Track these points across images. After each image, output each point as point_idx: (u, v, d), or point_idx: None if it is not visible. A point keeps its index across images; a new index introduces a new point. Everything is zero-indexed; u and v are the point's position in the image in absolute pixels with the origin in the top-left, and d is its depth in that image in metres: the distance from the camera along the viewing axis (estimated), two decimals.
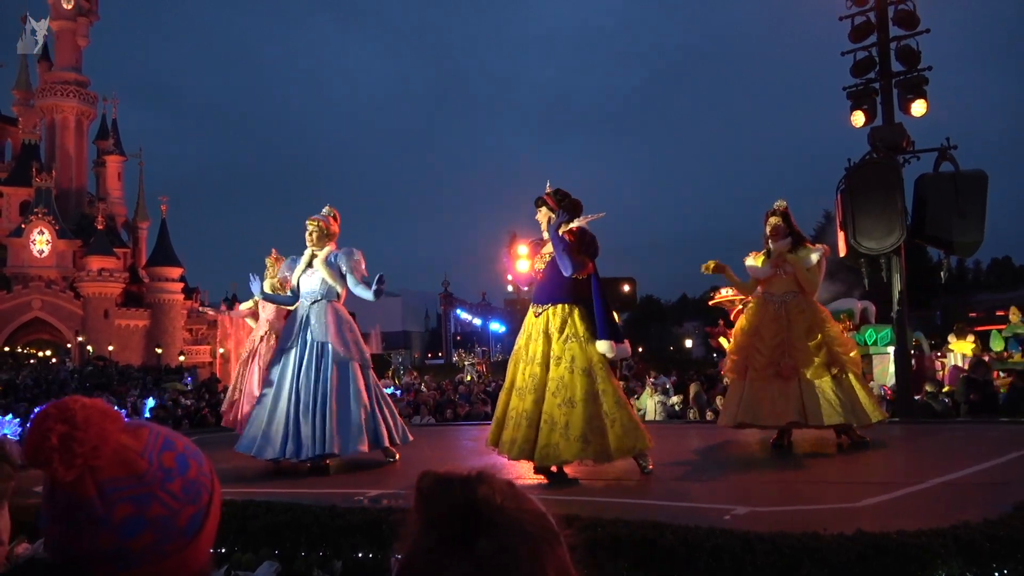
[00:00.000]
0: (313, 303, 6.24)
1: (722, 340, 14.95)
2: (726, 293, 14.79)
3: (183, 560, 0.99)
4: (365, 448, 5.93)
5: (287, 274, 6.59)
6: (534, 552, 0.81)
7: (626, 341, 5.28)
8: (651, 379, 13.55)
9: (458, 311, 63.52)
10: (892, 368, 12.55)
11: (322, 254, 6.33)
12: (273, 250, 8.35)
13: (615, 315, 5.61)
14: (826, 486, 4.87)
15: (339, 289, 6.30)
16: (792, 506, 4.11)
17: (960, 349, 14.72)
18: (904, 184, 9.87)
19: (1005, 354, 15.17)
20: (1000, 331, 16.26)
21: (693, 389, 13.12)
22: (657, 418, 11.73)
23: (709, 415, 11.59)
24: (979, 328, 18.25)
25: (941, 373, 13.81)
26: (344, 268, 6.27)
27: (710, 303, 14.85)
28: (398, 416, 6.44)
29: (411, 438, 6.36)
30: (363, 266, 6.35)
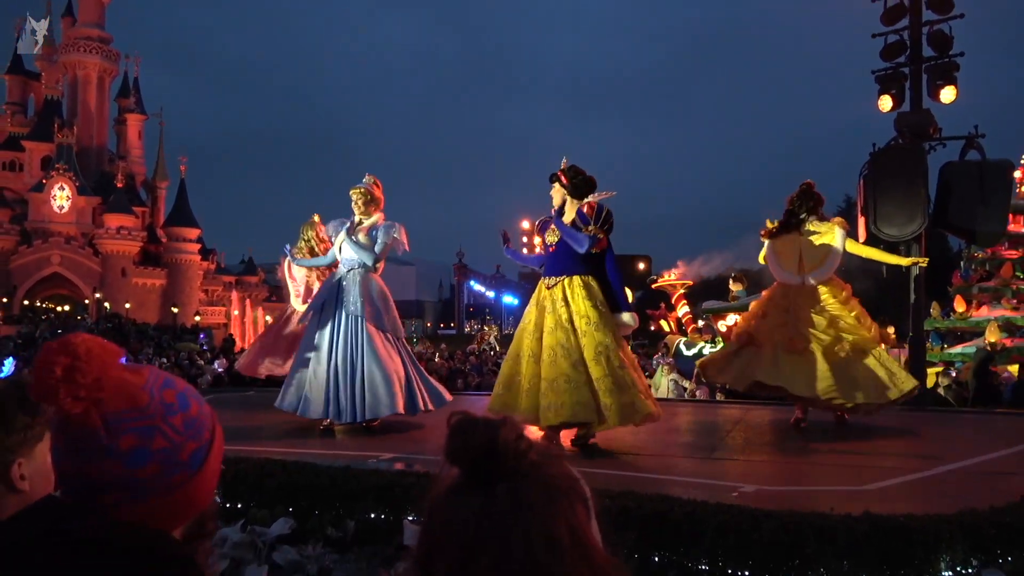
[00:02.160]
0: (350, 270, 6.33)
1: (662, 323, 15.10)
2: (668, 277, 15.05)
3: (189, 493, 1.03)
4: (400, 410, 6.03)
5: (331, 233, 6.64)
6: (551, 506, 0.81)
7: (635, 314, 5.45)
8: (659, 355, 13.55)
9: (471, 282, 63.57)
10: None
11: (367, 223, 6.40)
12: (317, 215, 8.26)
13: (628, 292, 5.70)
14: (834, 468, 4.90)
15: (369, 261, 6.37)
16: (799, 486, 4.15)
17: None
18: (928, 171, 9.76)
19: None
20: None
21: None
22: (670, 395, 11.77)
23: (719, 396, 11.62)
24: None
25: None
26: (382, 240, 6.34)
27: (652, 286, 15.07)
28: (432, 381, 6.55)
29: (449, 398, 6.45)
30: (404, 241, 6.42)
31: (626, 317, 5.28)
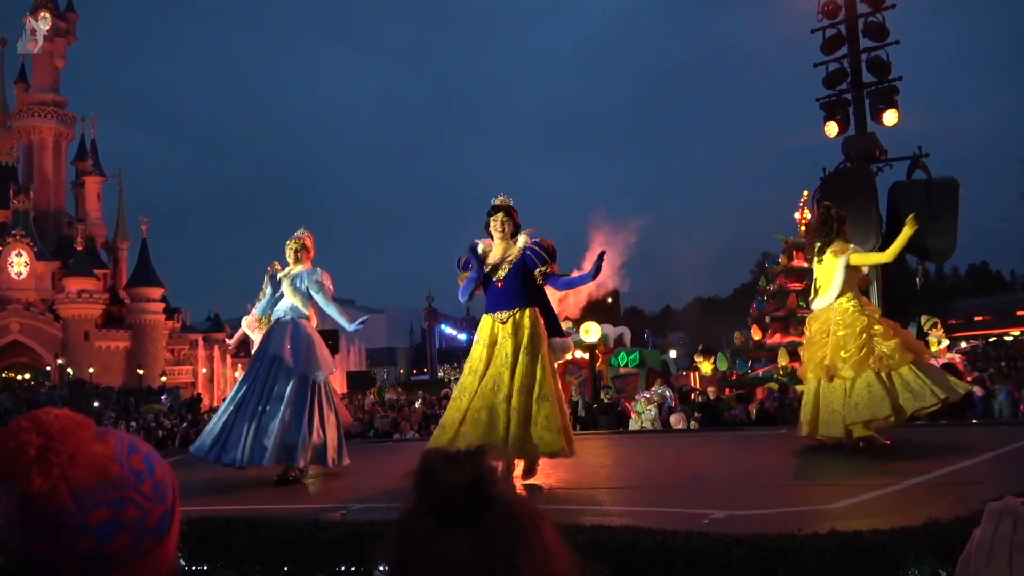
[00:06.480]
0: (277, 320, 6.42)
1: None
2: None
3: (155, 559, 1.02)
4: (302, 464, 5.97)
5: (268, 289, 6.69)
6: (535, 523, 0.85)
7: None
8: (640, 394, 13.56)
9: (443, 326, 63.43)
10: (644, 383, 14.99)
11: (291, 274, 6.52)
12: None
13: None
14: (803, 489, 4.93)
15: (303, 309, 6.44)
16: (769, 509, 4.15)
17: (704, 369, 17.79)
18: (878, 192, 10.06)
19: (734, 375, 17.98)
20: (726, 353, 20.13)
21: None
22: (649, 426, 11.76)
23: (693, 423, 11.64)
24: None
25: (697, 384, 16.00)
26: (311, 289, 6.44)
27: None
28: (342, 437, 6.40)
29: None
30: (329, 284, 6.52)
31: (561, 342, 5.62)
